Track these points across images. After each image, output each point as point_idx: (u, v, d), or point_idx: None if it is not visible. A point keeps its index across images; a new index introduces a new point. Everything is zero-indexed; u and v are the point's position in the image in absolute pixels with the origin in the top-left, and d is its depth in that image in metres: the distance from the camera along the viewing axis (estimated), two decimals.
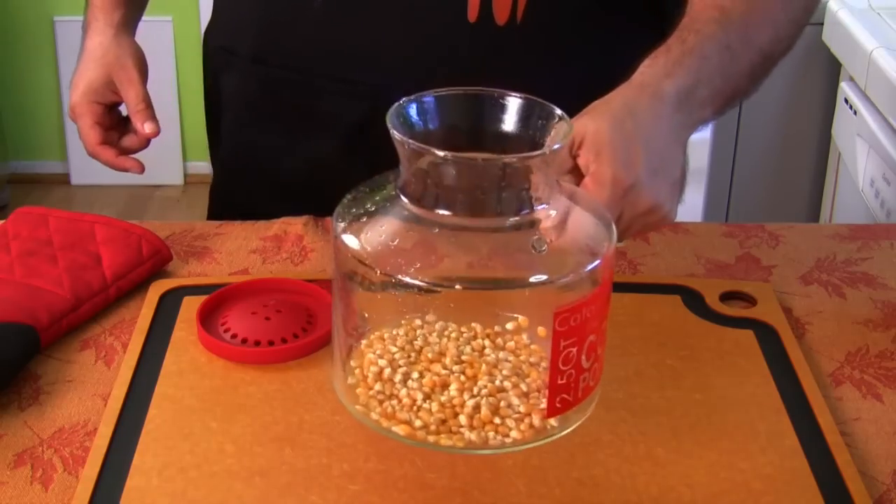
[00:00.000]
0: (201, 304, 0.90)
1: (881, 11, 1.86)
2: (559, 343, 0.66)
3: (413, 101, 0.70)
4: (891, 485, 0.76)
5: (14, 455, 0.78)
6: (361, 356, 0.73)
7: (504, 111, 0.70)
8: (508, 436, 0.69)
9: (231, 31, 1.14)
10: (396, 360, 0.72)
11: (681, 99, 0.83)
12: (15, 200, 3.18)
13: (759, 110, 2.07)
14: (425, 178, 0.67)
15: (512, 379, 0.71)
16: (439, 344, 0.73)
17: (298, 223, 1.06)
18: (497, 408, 0.69)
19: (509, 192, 0.67)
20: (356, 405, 0.71)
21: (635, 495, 0.74)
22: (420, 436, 0.69)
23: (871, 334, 0.92)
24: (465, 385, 0.70)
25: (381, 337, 0.74)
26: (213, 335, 0.87)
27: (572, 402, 0.69)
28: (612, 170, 0.77)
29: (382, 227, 0.69)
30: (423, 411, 0.69)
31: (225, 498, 0.73)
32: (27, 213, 1.02)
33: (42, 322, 0.88)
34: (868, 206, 1.72)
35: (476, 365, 0.71)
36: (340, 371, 0.73)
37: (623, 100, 0.81)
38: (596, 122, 0.79)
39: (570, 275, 0.68)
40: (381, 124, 0.65)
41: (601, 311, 0.69)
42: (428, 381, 0.70)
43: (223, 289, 0.93)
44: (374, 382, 0.71)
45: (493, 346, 0.73)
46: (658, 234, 1.05)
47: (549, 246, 0.68)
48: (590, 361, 0.69)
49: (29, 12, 3.17)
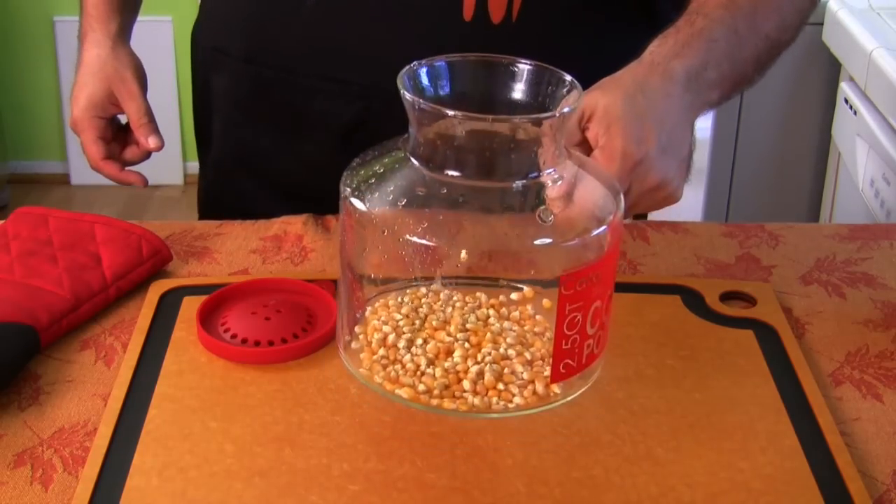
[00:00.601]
0: (201, 304, 0.90)
1: (881, 11, 1.85)
2: (565, 307, 0.66)
3: (425, 65, 0.70)
4: (891, 485, 0.76)
5: (14, 455, 0.78)
6: (366, 322, 0.74)
7: (514, 78, 0.71)
8: (512, 401, 0.69)
9: (222, 31, 1.14)
10: (401, 326, 0.73)
11: (689, 79, 0.84)
12: (15, 200, 3.18)
13: (759, 110, 2.07)
14: (435, 140, 0.67)
15: (516, 347, 0.71)
16: (444, 312, 0.73)
17: (298, 222, 1.06)
18: (501, 374, 0.70)
19: (518, 155, 0.67)
20: (360, 369, 0.72)
21: (635, 495, 0.74)
22: (424, 399, 0.69)
23: (871, 334, 0.92)
24: (469, 352, 0.71)
25: (385, 304, 0.74)
26: (213, 335, 0.87)
27: (576, 368, 0.69)
28: (622, 144, 0.77)
29: (391, 188, 0.69)
30: (427, 376, 0.70)
31: (225, 498, 0.73)
32: (27, 213, 1.02)
33: (42, 322, 0.88)
34: (868, 206, 1.72)
35: (480, 333, 0.72)
36: (346, 336, 0.73)
37: (633, 77, 0.82)
38: (607, 96, 0.79)
39: (576, 239, 0.68)
40: (375, 124, 0.66)
41: (607, 278, 0.69)
42: (432, 348, 0.71)
43: (223, 289, 0.93)
44: (377, 348, 0.72)
45: (497, 316, 0.74)
46: (658, 234, 1.05)
47: (554, 217, 0.68)
48: (594, 328, 0.69)
49: (29, 12, 3.17)
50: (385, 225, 0.68)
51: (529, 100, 0.71)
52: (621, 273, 0.99)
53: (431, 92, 0.70)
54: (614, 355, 0.81)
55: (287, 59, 1.07)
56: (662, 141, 0.80)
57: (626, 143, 0.78)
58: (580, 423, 0.79)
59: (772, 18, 0.92)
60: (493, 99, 0.71)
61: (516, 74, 0.71)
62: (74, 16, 1.18)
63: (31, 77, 3.24)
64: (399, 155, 0.70)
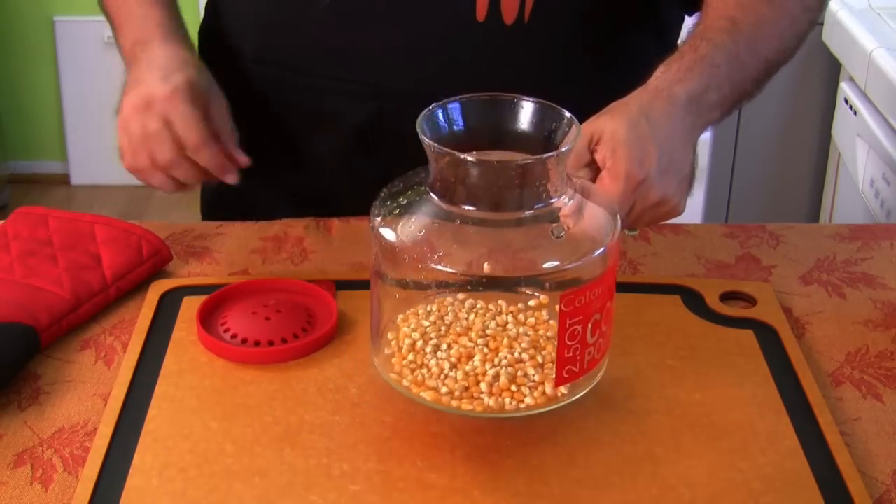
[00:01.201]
0: (201, 304, 0.90)
1: (881, 11, 1.85)
2: (565, 321, 0.73)
3: (440, 107, 0.77)
4: (891, 485, 0.76)
5: (14, 455, 0.78)
6: (397, 329, 0.80)
7: (520, 114, 0.78)
8: (523, 402, 0.75)
9: (232, 32, 1.13)
10: (428, 333, 0.79)
11: (691, 102, 0.89)
12: (15, 200, 3.17)
13: (759, 110, 2.07)
14: (451, 177, 0.74)
15: (529, 351, 0.77)
16: (467, 319, 0.80)
17: (299, 225, 1.06)
18: (514, 377, 0.76)
19: (526, 188, 0.74)
20: (391, 373, 0.78)
21: (635, 495, 0.74)
22: (445, 401, 0.75)
23: (871, 334, 0.92)
24: (487, 356, 0.77)
25: (415, 312, 0.80)
26: (213, 335, 0.87)
27: (578, 373, 0.75)
28: (626, 166, 0.84)
29: (413, 219, 0.76)
30: (450, 379, 0.76)
31: (225, 498, 0.73)
32: (27, 213, 1.02)
33: (42, 322, 0.88)
34: (868, 206, 1.72)
35: (498, 338, 0.78)
36: (379, 344, 0.80)
37: (639, 103, 0.88)
38: (614, 122, 0.86)
39: (580, 260, 0.75)
40: (388, 124, 0.67)
41: (606, 292, 0.75)
42: (455, 353, 0.77)
43: (223, 289, 0.93)
44: (407, 353, 0.78)
45: (515, 322, 0.80)
46: (658, 235, 1.05)
47: (566, 232, 0.75)
48: (595, 337, 0.75)
49: (29, 12, 3.17)
50: (409, 253, 0.75)
51: (535, 133, 0.78)
52: (622, 273, 0.99)
53: (446, 130, 0.77)
54: (615, 355, 0.81)
55: (299, 60, 1.07)
56: (663, 162, 0.86)
57: (630, 166, 0.84)
58: (580, 423, 0.79)
59: (772, 43, 0.97)
60: (503, 133, 0.78)
61: (521, 111, 0.78)
62: (74, 16, 1.17)
63: (30, 77, 3.24)
64: (420, 189, 0.77)
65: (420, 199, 0.76)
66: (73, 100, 3.19)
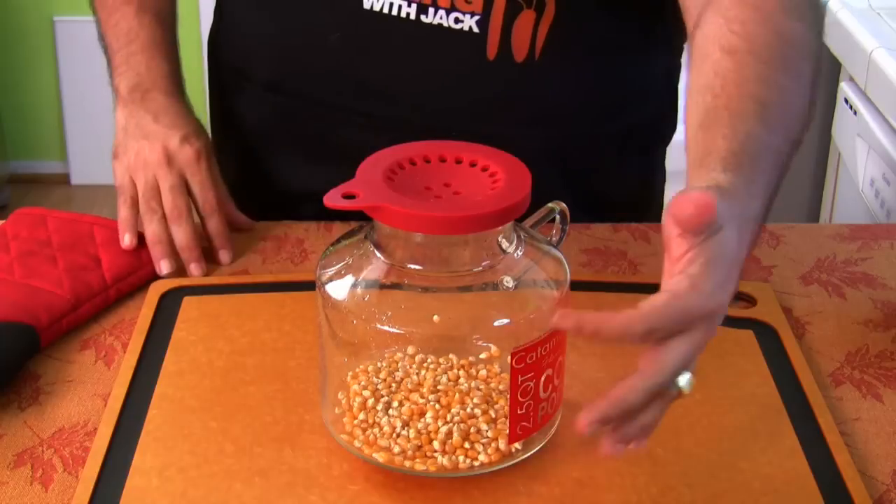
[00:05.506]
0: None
1: (881, 11, 1.85)
2: (517, 378, 0.71)
3: None
4: (891, 485, 0.76)
5: (14, 455, 0.78)
6: (347, 388, 0.78)
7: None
8: (477, 459, 0.74)
9: (245, 53, 1.11)
10: (379, 390, 0.77)
11: (757, 223, 0.78)
12: (15, 200, 3.18)
13: None
14: (395, 238, 0.73)
15: (482, 406, 0.75)
16: (419, 374, 0.77)
17: (300, 227, 1.06)
18: (468, 433, 0.74)
19: (473, 247, 0.73)
20: (342, 434, 0.76)
21: (635, 495, 0.74)
22: (398, 461, 0.74)
23: (871, 334, 0.92)
24: (439, 413, 0.75)
25: (365, 370, 0.78)
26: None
27: (532, 429, 0.74)
28: (711, 288, 0.69)
29: (360, 277, 0.75)
30: (402, 438, 0.74)
31: (225, 498, 0.73)
32: (26, 213, 1.02)
33: (42, 322, 0.88)
34: (868, 206, 1.72)
35: (450, 393, 0.76)
36: (329, 402, 0.78)
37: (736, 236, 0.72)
38: (730, 229, 0.71)
39: (530, 315, 0.74)
40: None
41: (557, 348, 0.73)
42: (406, 410, 0.75)
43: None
44: (358, 412, 0.76)
45: (466, 376, 0.78)
46: (658, 235, 1.05)
47: (515, 286, 0.73)
48: (547, 392, 0.74)
49: (29, 12, 3.17)
50: (355, 314, 0.74)
51: None
52: (621, 273, 0.99)
53: None
54: (614, 355, 0.81)
55: (311, 89, 1.06)
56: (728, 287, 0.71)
57: (713, 289, 0.69)
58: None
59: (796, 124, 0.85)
60: None
61: None
62: (74, 16, 1.17)
63: (31, 77, 3.24)
64: (367, 247, 0.75)
65: (366, 256, 0.75)
66: (73, 100, 3.19)
